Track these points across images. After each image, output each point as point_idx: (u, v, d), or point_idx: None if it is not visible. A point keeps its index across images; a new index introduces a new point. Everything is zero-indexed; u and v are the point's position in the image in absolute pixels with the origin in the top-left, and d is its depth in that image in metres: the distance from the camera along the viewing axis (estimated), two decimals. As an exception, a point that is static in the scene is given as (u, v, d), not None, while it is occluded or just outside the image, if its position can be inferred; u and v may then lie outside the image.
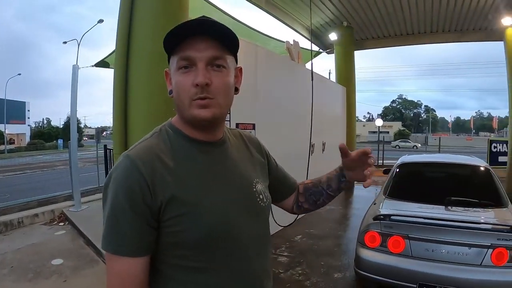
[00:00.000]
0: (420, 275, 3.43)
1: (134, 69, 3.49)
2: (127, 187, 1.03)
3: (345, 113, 11.50)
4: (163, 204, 1.05)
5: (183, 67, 1.09)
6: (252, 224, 1.21)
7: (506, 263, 3.25)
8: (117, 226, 1.03)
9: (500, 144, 13.08)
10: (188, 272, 1.09)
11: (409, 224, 3.63)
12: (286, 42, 8.85)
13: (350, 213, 8.53)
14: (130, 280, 1.04)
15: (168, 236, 1.07)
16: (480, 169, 4.89)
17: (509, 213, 3.98)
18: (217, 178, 1.17)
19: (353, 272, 4.35)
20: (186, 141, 1.17)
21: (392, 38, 12.51)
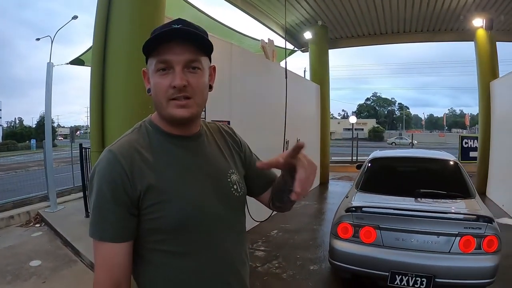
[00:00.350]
0: (391, 264, 3.60)
1: (111, 67, 3.50)
2: (109, 179, 1.13)
3: (319, 111, 11.67)
4: (142, 193, 1.15)
5: (161, 70, 1.17)
6: (226, 212, 1.30)
7: (473, 250, 3.46)
8: (102, 214, 1.14)
9: (471, 140, 13.60)
10: (165, 256, 1.20)
11: (379, 215, 3.82)
12: (261, 41, 8.96)
13: (325, 208, 8.70)
14: (114, 263, 1.15)
15: (147, 223, 1.17)
16: (449, 163, 5.13)
17: (476, 203, 4.21)
18: (193, 169, 1.27)
19: (328, 263, 4.50)
20: (164, 136, 1.26)
21: (366, 37, 12.73)
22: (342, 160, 17.75)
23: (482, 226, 3.50)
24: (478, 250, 3.46)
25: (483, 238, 3.46)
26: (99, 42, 3.47)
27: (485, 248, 3.46)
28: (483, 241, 3.46)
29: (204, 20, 8.22)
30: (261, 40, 9.01)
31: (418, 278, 3.50)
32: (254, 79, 6.79)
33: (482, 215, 3.61)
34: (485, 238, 3.46)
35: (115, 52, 3.49)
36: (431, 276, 3.47)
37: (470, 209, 4.05)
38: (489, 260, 3.45)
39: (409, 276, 3.52)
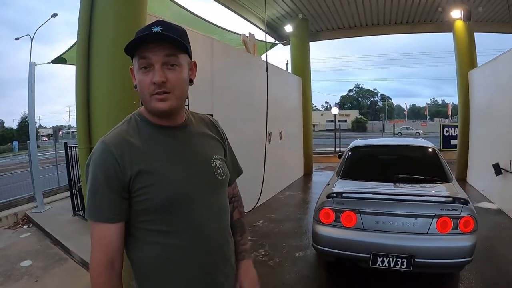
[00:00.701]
0: (372, 246, 3.76)
1: (96, 64, 3.53)
2: (102, 167, 1.30)
3: (301, 103, 11.79)
4: (132, 178, 1.30)
5: (143, 67, 1.32)
6: (210, 194, 1.45)
7: (450, 230, 3.63)
8: (97, 198, 1.30)
9: (451, 128, 13.90)
10: (154, 234, 1.35)
11: (359, 200, 3.98)
12: (242, 35, 9.03)
13: (309, 197, 8.83)
14: (108, 242, 1.30)
15: (137, 205, 1.33)
16: (426, 149, 5.32)
17: (452, 187, 4.40)
18: (179, 156, 1.41)
19: (313, 250, 4.65)
20: (152, 126, 1.41)
21: (347, 29, 12.83)
22: (326, 151, 17.90)
23: (458, 207, 3.67)
24: (455, 230, 3.63)
25: (459, 219, 3.63)
26: (83, 40, 3.49)
27: (461, 228, 3.62)
28: (459, 222, 3.63)
29: (185, 16, 8.25)
30: (242, 34, 9.08)
31: (399, 259, 3.66)
32: (235, 73, 6.87)
33: (457, 197, 3.79)
34: (461, 219, 3.63)
35: (99, 49, 3.51)
36: (411, 256, 3.63)
37: (446, 192, 4.22)
38: (466, 239, 3.62)
39: (390, 257, 3.68)
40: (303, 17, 11.31)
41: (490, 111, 8.60)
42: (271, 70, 7.04)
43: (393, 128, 29.17)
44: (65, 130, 76.15)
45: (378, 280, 4.21)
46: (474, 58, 10.66)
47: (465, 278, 4.25)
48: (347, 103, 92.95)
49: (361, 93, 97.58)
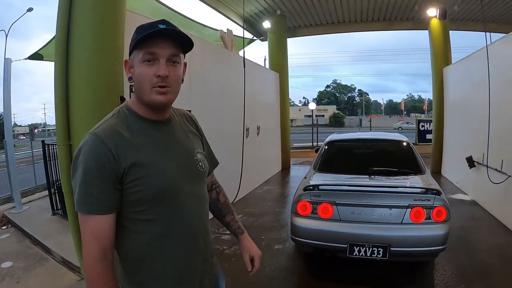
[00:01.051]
0: (349, 236, 3.88)
1: (75, 60, 3.51)
2: (97, 157, 1.30)
3: (279, 98, 11.89)
4: (126, 170, 1.34)
5: (147, 60, 1.36)
6: (194, 186, 1.54)
7: (423, 220, 3.78)
8: (90, 190, 1.30)
9: (427, 123, 14.22)
10: (145, 224, 1.40)
11: (335, 192, 4.09)
12: (220, 31, 9.04)
13: (287, 191, 8.92)
14: (101, 233, 1.32)
15: (129, 196, 1.36)
16: (401, 143, 5.46)
17: (425, 178, 4.55)
18: (166, 149, 1.48)
19: (292, 242, 4.75)
20: (141, 120, 1.45)
21: (324, 26, 12.95)
22: (303, 146, 18.06)
23: (431, 198, 3.82)
24: (428, 220, 3.78)
25: (432, 209, 3.78)
26: (62, 35, 3.47)
27: (434, 218, 3.77)
28: (432, 212, 3.78)
29: (163, 11, 8.20)
30: (220, 30, 9.09)
31: (375, 248, 3.78)
32: (213, 69, 6.87)
33: (430, 188, 3.94)
34: (434, 208, 3.78)
35: (78, 45, 3.50)
36: (386, 245, 3.76)
37: (419, 184, 4.38)
38: (438, 228, 3.77)
39: (366, 246, 3.80)
40: (281, 13, 11.39)
41: (463, 106, 8.88)
42: (248, 66, 7.07)
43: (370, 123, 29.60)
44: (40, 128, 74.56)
45: (355, 269, 4.36)
46: (449, 55, 10.97)
47: (440, 266, 4.42)
48: (324, 99, 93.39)
49: (339, 89, 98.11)
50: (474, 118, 7.75)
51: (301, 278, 4.34)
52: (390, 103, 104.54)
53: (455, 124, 9.73)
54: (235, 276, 4.12)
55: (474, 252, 4.86)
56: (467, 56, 8.86)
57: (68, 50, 3.50)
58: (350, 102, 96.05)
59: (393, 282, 4.15)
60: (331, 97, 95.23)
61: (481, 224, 6.06)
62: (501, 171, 6.04)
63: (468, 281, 4.06)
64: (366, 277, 4.25)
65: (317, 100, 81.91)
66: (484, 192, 7.01)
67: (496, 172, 6.21)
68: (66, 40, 3.50)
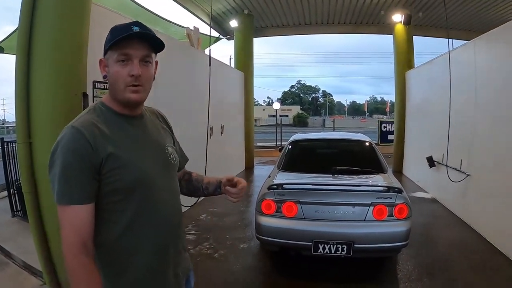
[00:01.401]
0: (313, 234, 3.93)
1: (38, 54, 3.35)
2: (75, 149, 1.35)
3: (243, 98, 11.89)
4: (103, 160, 1.39)
5: (121, 61, 1.44)
6: (167, 177, 1.63)
7: (386, 217, 3.90)
8: (70, 181, 1.34)
9: (389, 124, 14.61)
10: (121, 214, 1.45)
11: (299, 190, 4.14)
12: (187, 28, 8.95)
13: (251, 190, 8.91)
14: (81, 223, 1.35)
15: (106, 186, 1.41)
16: (363, 143, 5.60)
17: (387, 177, 4.68)
18: (140, 142, 1.56)
19: (257, 241, 4.79)
20: (116, 115, 1.53)
21: (291, 27, 13.08)
22: (267, 146, 18.13)
23: (393, 196, 3.94)
24: (390, 217, 3.90)
25: (394, 206, 3.90)
26: (25, 28, 3.30)
27: (396, 215, 3.90)
28: (394, 209, 3.90)
29: (128, 5, 8.06)
30: (187, 27, 9.00)
31: (339, 245, 3.86)
32: (179, 67, 6.78)
33: (392, 186, 4.06)
34: (396, 206, 3.90)
35: (42, 39, 3.35)
36: (350, 242, 3.84)
37: (382, 182, 4.48)
38: (401, 225, 3.90)
39: (331, 244, 3.87)
40: (248, 13, 11.41)
41: (424, 108, 9.25)
42: (214, 65, 7.01)
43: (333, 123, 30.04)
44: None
45: (321, 266, 4.44)
46: (412, 59, 11.39)
47: (403, 261, 4.58)
48: (289, 99, 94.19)
49: (303, 89, 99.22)
50: (435, 120, 8.09)
51: (267, 276, 4.35)
52: (354, 105, 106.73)
53: (416, 126, 10.10)
54: (202, 276, 4.14)
55: (435, 247, 5.08)
56: (429, 61, 9.23)
57: (30, 44, 3.35)
58: (314, 102, 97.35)
59: (358, 278, 4.24)
60: (295, 97, 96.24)
61: (441, 221, 6.34)
62: (460, 170, 6.34)
63: (430, 275, 4.25)
64: (332, 274, 4.33)
65: (281, 100, 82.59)
66: (444, 190, 7.32)
67: (455, 171, 6.49)
68: (28, 33, 3.34)
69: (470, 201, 6.09)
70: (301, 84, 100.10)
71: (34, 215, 3.53)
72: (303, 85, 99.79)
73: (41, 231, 3.57)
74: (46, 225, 3.57)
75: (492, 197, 5.31)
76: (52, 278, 3.68)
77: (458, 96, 6.46)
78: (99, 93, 4.22)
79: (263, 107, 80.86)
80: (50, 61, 3.42)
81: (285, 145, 5.84)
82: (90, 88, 3.99)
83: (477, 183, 5.88)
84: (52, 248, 3.62)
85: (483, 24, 11.73)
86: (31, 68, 3.37)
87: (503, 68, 5.17)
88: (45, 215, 3.55)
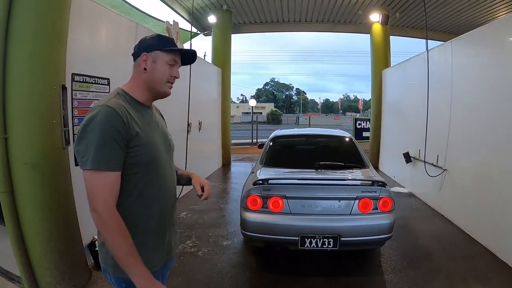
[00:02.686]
0: (300, 229, 3.96)
1: (15, 43, 3.16)
2: (113, 123, 1.60)
3: (220, 94, 11.81)
4: (132, 137, 1.68)
5: (170, 64, 1.86)
6: (168, 157, 1.99)
7: (371, 210, 3.99)
8: (107, 149, 1.58)
9: (363, 121, 14.85)
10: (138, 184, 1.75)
11: (285, 185, 4.15)
12: (166, 22, 8.81)
13: (229, 187, 8.96)
14: (114, 186, 1.63)
15: (130, 159, 1.69)
16: (345, 139, 5.71)
17: (370, 172, 4.78)
18: (153, 126, 1.91)
19: (240, 238, 4.87)
20: (136, 103, 1.84)
21: (269, 24, 13.18)
22: (243, 142, 18.12)
23: (377, 189, 4.02)
24: (375, 210, 3.99)
25: (378, 199, 4.00)
26: (2, 16, 3.12)
27: (381, 208, 3.99)
28: (378, 202, 4.00)
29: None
30: (166, 21, 8.85)
31: (326, 239, 3.91)
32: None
33: (376, 180, 4.13)
34: (380, 199, 4.00)
35: (20, 26, 3.18)
36: (336, 236, 3.90)
37: (365, 176, 4.57)
38: (385, 218, 4.00)
39: (317, 238, 3.91)
40: (227, 9, 11.40)
41: (400, 106, 9.48)
42: (193, 61, 6.94)
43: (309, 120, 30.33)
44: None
45: (306, 260, 4.50)
46: (388, 58, 11.65)
47: (385, 253, 4.72)
48: (262, 96, 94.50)
49: (277, 87, 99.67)
50: (411, 117, 8.30)
51: (253, 272, 4.33)
52: (327, 102, 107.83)
53: (392, 123, 10.33)
54: (186, 274, 4.14)
55: (416, 239, 5.26)
56: (405, 61, 9.49)
57: (7, 32, 3.17)
58: (287, 100, 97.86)
59: (344, 270, 4.33)
60: (269, 95, 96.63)
61: (419, 214, 6.57)
62: (437, 165, 6.54)
63: (412, 265, 4.40)
64: (317, 268, 4.38)
65: (255, 97, 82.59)
66: (420, 184, 7.52)
67: (432, 166, 6.70)
68: (6, 20, 3.16)
69: (447, 194, 6.32)
70: (275, 82, 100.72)
71: (11, 216, 3.32)
72: (277, 83, 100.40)
73: (19, 233, 3.37)
74: (24, 227, 3.38)
75: (468, 190, 5.54)
76: (32, 283, 3.50)
77: (434, 93, 6.64)
78: (78, 87, 4.06)
79: (237, 105, 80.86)
80: (29, 51, 3.25)
81: (267, 141, 5.84)
82: (68, 80, 3.82)
83: (453, 177, 6.10)
84: (31, 251, 3.44)
85: (457, 27, 12.47)
86: (8, 57, 3.19)
87: (477, 68, 5.43)
88: (23, 216, 3.36)
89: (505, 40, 4.70)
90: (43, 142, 3.38)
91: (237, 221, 5.27)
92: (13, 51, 3.20)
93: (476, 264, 4.42)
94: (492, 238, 4.80)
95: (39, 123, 3.34)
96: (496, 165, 4.80)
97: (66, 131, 3.64)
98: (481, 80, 5.26)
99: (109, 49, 4.74)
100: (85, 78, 4.18)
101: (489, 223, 4.88)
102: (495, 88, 4.86)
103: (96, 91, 4.37)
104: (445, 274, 4.18)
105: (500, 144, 4.69)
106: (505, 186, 4.54)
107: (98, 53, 4.48)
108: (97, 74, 4.39)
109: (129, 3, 8.82)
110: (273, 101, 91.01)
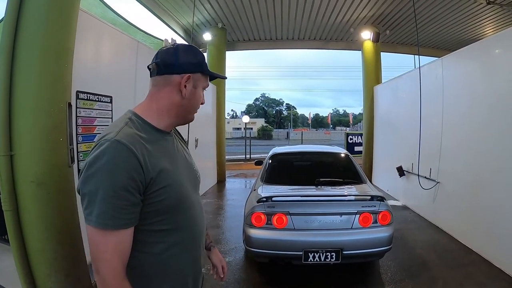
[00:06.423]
0: (304, 244, 4.06)
1: (23, 57, 3.14)
2: (125, 168, 1.25)
3: (215, 111, 11.88)
4: (153, 179, 1.32)
5: (204, 89, 1.59)
6: (197, 194, 1.63)
7: (371, 224, 4.12)
8: (115, 204, 1.23)
9: (355, 136, 15.05)
10: (159, 234, 1.40)
11: (288, 202, 4.26)
12: (165, 40, 8.98)
13: (225, 204, 8.98)
14: (124, 247, 1.29)
15: (151, 206, 1.34)
16: (341, 155, 5.85)
17: (368, 187, 4.92)
18: (177, 159, 1.54)
19: (242, 254, 4.94)
20: (153, 129, 1.47)
21: (263, 41, 13.45)
22: (236, 159, 18.19)
23: (376, 204, 4.17)
24: (375, 223, 4.13)
25: (378, 213, 4.14)
26: (10, 29, 3.09)
27: (380, 221, 4.14)
28: (378, 216, 4.14)
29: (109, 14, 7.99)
30: (165, 39, 9.03)
31: (328, 253, 4.01)
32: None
33: (375, 195, 4.27)
34: (379, 213, 4.14)
35: (27, 42, 3.15)
36: (339, 249, 4.01)
37: (364, 192, 4.69)
38: (384, 231, 4.13)
39: (320, 252, 4.01)
40: (222, 27, 11.58)
41: (393, 121, 9.69)
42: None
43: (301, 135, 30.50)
44: None
45: (309, 274, 4.57)
46: (379, 74, 11.96)
47: (384, 264, 4.85)
48: (253, 112, 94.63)
49: (267, 102, 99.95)
50: (403, 132, 8.51)
51: (258, 287, 4.39)
52: (317, 117, 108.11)
53: (384, 137, 10.53)
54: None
55: (413, 250, 5.42)
56: (396, 77, 9.72)
57: (15, 48, 3.13)
58: (278, 115, 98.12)
59: (346, 283, 4.42)
60: (259, 110, 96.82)
61: (414, 225, 6.72)
62: (430, 178, 6.73)
63: (411, 275, 4.55)
64: (320, 280, 4.45)
65: (245, 113, 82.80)
66: (414, 197, 7.69)
67: (425, 179, 6.89)
68: (13, 35, 3.12)
69: (440, 206, 6.50)
70: (265, 97, 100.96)
71: (15, 235, 3.21)
72: (267, 98, 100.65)
73: (23, 253, 3.26)
74: (29, 246, 3.27)
75: (460, 201, 5.74)
76: (36, 302, 3.40)
77: (426, 108, 6.82)
78: (82, 104, 4.10)
79: (228, 120, 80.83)
80: (36, 67, 3.21)
81: (266, 159, 5.96)
82: (73, 98, 3.81)
83: (446, 189, 6.29)
84: (36, 270, 3.34)
85: (445, 42, 12.80)
86: (15, 73, 3.15)
87: (467, 83, 5.69)
88: (28, 235, 3.26)
89: (494, 57, 4.99)
90: (49, 160, 3.31)
91: (237, 237, 5.33)
92: (20, 68, 3.16)
93: (472, 272, 4.60)
94: (487, 246, 4.99)
95: (45, 140, 3.27)
96: (487, 176, 5.03)
97: (71, 149, 3.60)
98: (471, 95, 5.50)
99: (111, 66, 4.78)
100: (89, 95, 4.20)
101: (482, 232, 5.07)
102: (485, 102, 5.10)
103: (99, 109, 4.40)
104: (444, 282, 4.34)
105: (490, 157, 4.94)
106: (497, 194, 4.77)
107: (101, 70, 4.50)
108: (100, 92, 4.41)
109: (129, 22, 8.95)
110: (264, 117, 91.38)
